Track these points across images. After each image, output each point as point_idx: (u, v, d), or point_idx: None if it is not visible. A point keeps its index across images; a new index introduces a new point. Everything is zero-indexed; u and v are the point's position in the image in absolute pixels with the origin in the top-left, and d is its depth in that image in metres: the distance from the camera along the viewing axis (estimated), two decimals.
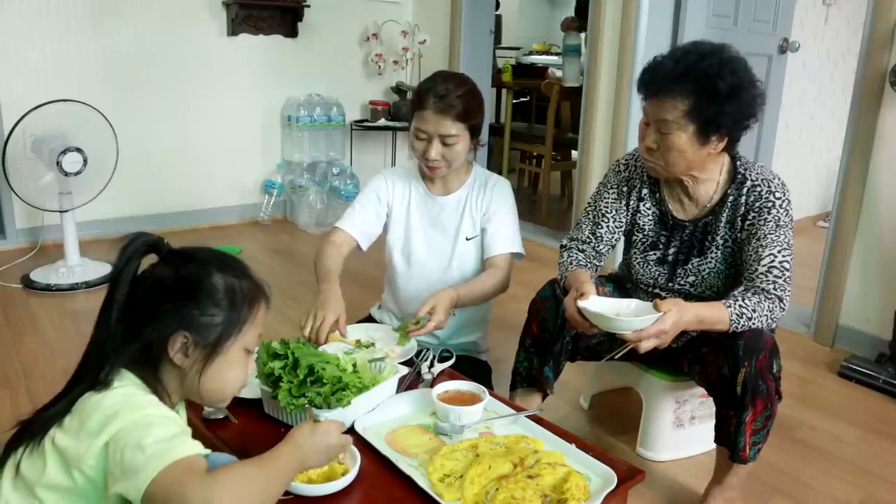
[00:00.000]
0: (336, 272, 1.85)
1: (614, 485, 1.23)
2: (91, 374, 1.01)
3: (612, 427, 2.19)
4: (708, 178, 1.73)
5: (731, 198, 1.72)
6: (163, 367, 1.06)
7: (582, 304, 1.58)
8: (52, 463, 0.96)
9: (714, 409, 1.70)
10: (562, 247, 1.92)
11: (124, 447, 0.92)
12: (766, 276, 1.62)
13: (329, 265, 1.86)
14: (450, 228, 2.03)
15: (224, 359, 1.07)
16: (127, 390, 1.00)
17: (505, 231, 1.98)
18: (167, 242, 1.10)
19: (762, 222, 1.66)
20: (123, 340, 1.03)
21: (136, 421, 0.94)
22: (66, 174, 3.02)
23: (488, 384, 1.92)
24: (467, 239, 2.01)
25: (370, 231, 2.03)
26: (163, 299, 1.04)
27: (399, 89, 4.51)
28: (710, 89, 1.56)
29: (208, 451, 0.99)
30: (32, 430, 1.00)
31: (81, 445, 0.95)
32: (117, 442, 0.93)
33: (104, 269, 3.24)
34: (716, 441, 1.69)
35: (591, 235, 1.88)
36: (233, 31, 4.05)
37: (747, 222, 1.69)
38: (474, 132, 1.93)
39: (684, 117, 1.59)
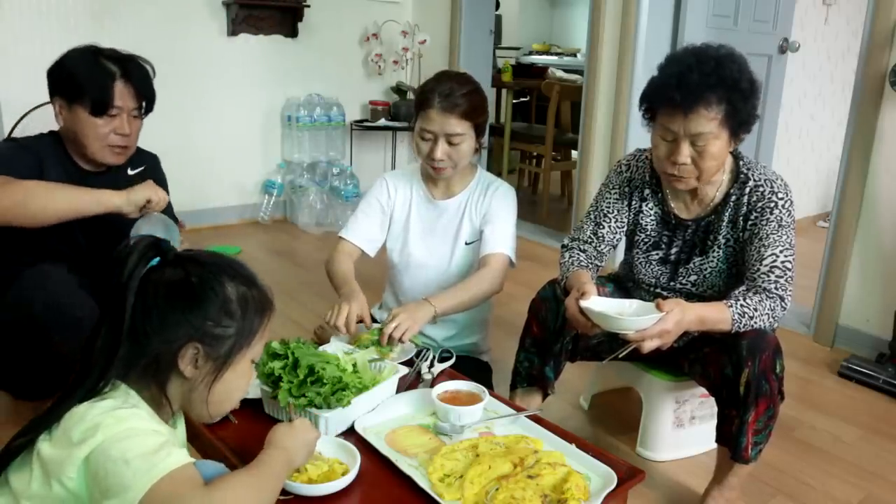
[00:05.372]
0: (352, 274, 1.90)
1: (614, 485, 1.23)
2: (86, 385, 0.97)
3: (612, 427, 2.18)
4: (715, 178, 1.73)
5: (733, 197, 1.72)
6: (168, 378, 1.02)
7: (584, 303, 1.58)
8: (35, 473, 0.93)
9: (714, 408, 1.70)
10: (563, 246, 1.91)
11: (106, 461, 0.88)
12: (768, 276, 1.62)
13: (344, 269, 1.90)
14: (449, 233, 2.02)
15: (233, 371, 1.04)
16: (113, 402, 0.96)
17: (502, 233, 1.94)
18: (172, 245, 1.04)
19: (764, 222, 1.66)
20: (130, 353, 0.98)
21: (118, 434, 0.90)
22: None
23: (488, 384, 1.92)
24: (467, 243, 2.01)
25: (375, 238, 2.03)
26: (174, 309, 0.99)
27: (399, 89, 4.51)
28: (739, 92, 1.58)
29: (193, 459, 0.96)
30: (23, 440, 0.97)
31: (62, 455, 0.91)
32: (98, 456, 0.89)
33: None
34: (717, 441, 1.69)
35: (592, 235, 1.87)
36: (233, 31, 4.04)
37: (749, 222, 1.69)
38: (479, 131, 1.91)
39: (720, 125, 1.59)
